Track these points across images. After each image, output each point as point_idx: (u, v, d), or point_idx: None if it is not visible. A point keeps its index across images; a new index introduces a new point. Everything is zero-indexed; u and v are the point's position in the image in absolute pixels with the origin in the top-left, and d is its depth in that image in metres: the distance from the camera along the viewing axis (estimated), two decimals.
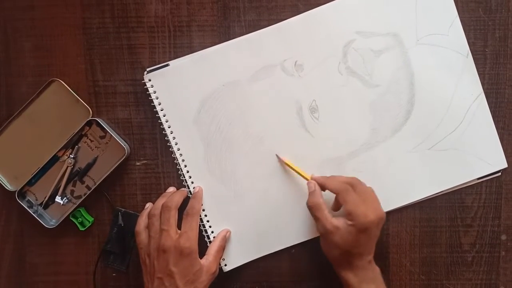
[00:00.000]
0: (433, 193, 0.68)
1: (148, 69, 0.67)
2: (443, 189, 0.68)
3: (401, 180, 0.68)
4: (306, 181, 0.65)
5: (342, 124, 0.67)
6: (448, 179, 0.68)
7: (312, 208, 0.62)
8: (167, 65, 0.67)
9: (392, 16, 0.67)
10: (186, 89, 0.67)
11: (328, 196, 0.63)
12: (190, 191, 0.68)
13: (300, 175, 0.66)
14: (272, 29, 0.67)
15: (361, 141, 0.68)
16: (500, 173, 0.68)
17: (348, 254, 0.60)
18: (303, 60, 0.67)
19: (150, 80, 0.67)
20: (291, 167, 0.66)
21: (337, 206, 0.64)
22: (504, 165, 0.68)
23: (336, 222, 0.60)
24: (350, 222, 0.59)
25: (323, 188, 0.63)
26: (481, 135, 0.67)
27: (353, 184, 0.61)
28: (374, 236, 0.61)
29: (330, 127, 0.67)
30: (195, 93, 0.67)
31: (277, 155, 0.67)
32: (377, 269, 0.62)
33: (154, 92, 0.67)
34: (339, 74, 0.67)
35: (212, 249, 0.65)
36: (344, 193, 0.60)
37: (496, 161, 0.68)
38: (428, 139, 0.67)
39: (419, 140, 0.68)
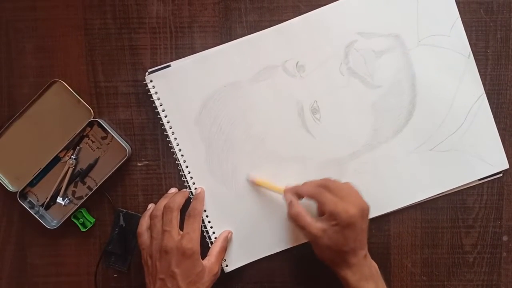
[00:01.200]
0: (435, 194, 0.68)
1: (149, 70, 0.67)
2: (445, 190, 0.68)
3: (403, 181, 0.68)
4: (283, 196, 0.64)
5: (343, 125, 0.67)
6: (450, 180, 0.68)
7: (293, 219, 0.61)
8: (168, 66, 0.67)
9: (394, 17, 0.67)
10: (187, 90, 0.67)
11: (310, 203, 0.62)
12: (191, 192, 0.68)
13: (274, 190, 0.66)
14: (274, 30, 0.67)
15: (363, 142, 0.68)
16: (501, 174, 0.68)
17: (341, 252, 0.59)
18: (305, 61, 0.67)
19: (151, 81, 0.67)
20: (262, 185, 0.66)
21: (321, 211, 0.62)
22: (506, 166, 0.68)
23: (321, 225, 0.59)
24: (333, 222, 0.58)
25: (299, 196, 0.63)
26: (483, 136, 0.67)
27: (326, 185, 0.61)
28: (361, 229, 0.60)
29: (332, 128, 0.67)
30: (196, 94, 0.67)
31: (248, 179, 0.67)
32: (374, 265, 0.62)
33: (156, 93, 0.67)
34: (340, 75, 0.67)
35: (214, 250, 0.65)
36: (319, 196, 0.60)
37: (498, 162, 0.68)
38: (429, 140, 0.67)
39: (420, 141, 0.68)
